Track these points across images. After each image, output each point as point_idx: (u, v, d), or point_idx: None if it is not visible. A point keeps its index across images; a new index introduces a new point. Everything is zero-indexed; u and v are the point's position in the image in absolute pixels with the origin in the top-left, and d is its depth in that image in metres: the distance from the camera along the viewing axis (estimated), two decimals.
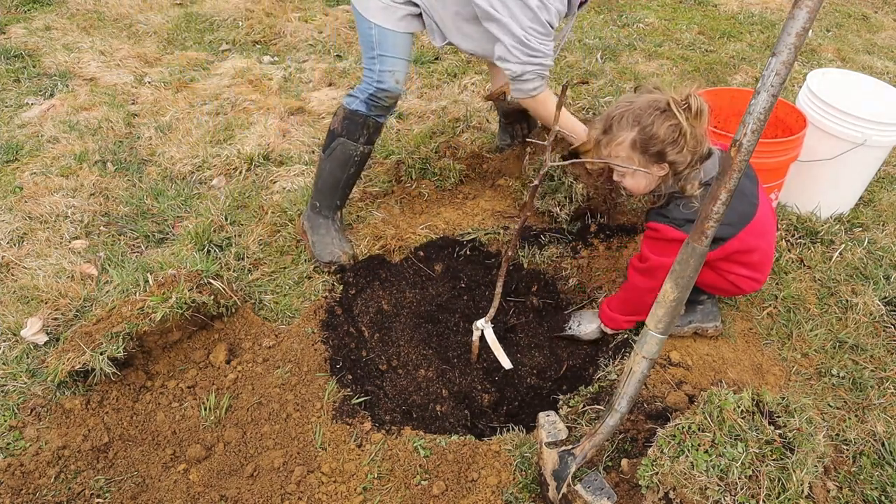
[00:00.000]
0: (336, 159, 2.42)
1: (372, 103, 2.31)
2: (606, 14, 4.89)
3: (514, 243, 2.14)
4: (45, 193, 2.79)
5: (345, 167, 2.43)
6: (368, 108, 2.32)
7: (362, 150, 2.40)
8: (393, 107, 2.38)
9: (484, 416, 2.16)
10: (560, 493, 1.61)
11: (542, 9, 2.02)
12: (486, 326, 2.20)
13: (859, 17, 5.08)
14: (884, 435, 1.89)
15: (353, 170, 2.45)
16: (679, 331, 2.12)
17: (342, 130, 2.37)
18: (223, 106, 3.55)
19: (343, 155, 2.40)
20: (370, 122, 2.35)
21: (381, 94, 2.28)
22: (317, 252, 2.47)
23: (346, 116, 2.35)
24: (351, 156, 2.40)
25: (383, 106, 2.33)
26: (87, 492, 1.75)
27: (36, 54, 3.97)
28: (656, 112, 1.68)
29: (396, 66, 2.25)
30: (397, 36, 2.22)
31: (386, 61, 2.25)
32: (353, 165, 2.43)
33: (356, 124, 2.34)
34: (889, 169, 3.11)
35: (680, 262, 1.40)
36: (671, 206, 1.83)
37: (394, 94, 2.31)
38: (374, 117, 2.34)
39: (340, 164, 2.42)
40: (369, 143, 2.41)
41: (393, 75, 2.26)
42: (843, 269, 2.48)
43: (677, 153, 1.70)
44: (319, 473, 1.82)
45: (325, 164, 2.45)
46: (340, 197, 2.52)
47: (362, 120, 2.33)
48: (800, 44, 1.13)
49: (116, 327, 1.93)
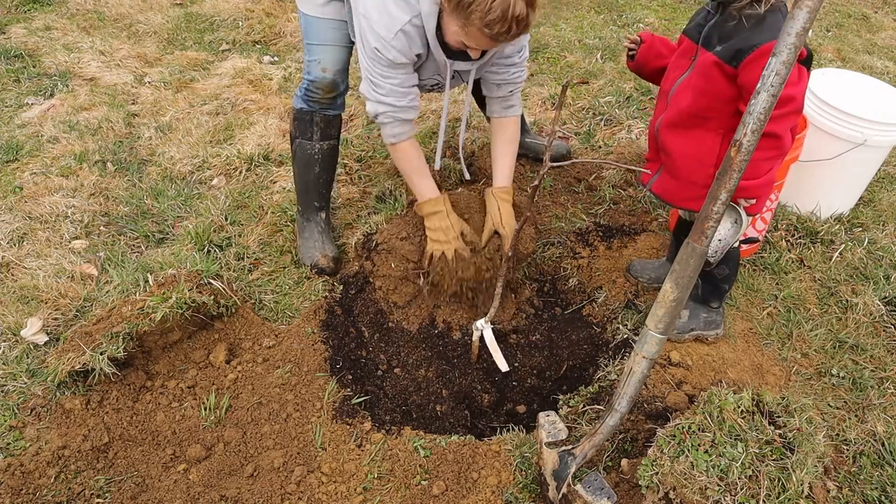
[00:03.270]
0: (299, 161, 2.39)
1: (308, 98, 2.24)
2: (606, 14, 4.89)
3: (513, 243, 2.14)
4: (45, 193, 2.79)
5: (309, 167, 2.38)
6: (308, 103, 2.26)
7: (321, 147, 2.34)
8: (336, 98, 2.27)
9: (484, 416, 2.16)
10: (560, 493, 1.62)
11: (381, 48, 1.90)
12: (485, 327, 2.21)
13: (859, 17, 5.08)
14: (884, 435, 1.89)
15: (317, 168, 2.39)
16: (680, 338, 2.12)
17: (296, 132, 2.34)
18: (223, 106, 3.55)
19: (303, 155, 2.36)
20: (316, 117, 2.28)
21: (312, 87, 2.21)
22: (300, 255, 2.47)
23: (295, 116, 2.31)
24: (311, 155, 2.35)
25: (319, 99, 2.24)
26: (87, 492, 1.75)
27: (36, 54, 3.97)
28: None
29: (322, 55, 2.17)
30: (320, 22, 2.13)
31: (312, 50, 2.17)
32: (315, 164, 2.37)
33: (304, 122, 2.29)
34: (889, 169, 3.11)
35: (680, 262, 1.40)
36: (768, 20, 1.53)
37: (323, 85, 2.20)
38: (318, 112, 2.26)
39: (303, 165, 2.38)
40: (327, 139, 2.34)
41: (319, 64, 2.17)
42: (843, 269, 2.48)
43: None
44: (319, 473, 1.82)
45: (294, 168, 2.43)
46: (317, 198, 2.48)
47: (308, 117, 2.28)
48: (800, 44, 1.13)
49: (116, 327, 1.93)
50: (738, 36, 1.56)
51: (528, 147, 3.02)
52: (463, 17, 1.74)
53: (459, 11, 1.74)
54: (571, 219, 2.72)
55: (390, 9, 1.84)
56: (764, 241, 2.58)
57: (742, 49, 1.54)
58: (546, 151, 1.87)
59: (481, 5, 1.68)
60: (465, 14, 1.73)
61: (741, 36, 1.56)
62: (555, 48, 4.23)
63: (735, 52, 1.56)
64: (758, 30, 1.53)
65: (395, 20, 1.84)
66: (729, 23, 1.60)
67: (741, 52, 1.54)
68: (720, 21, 1.63)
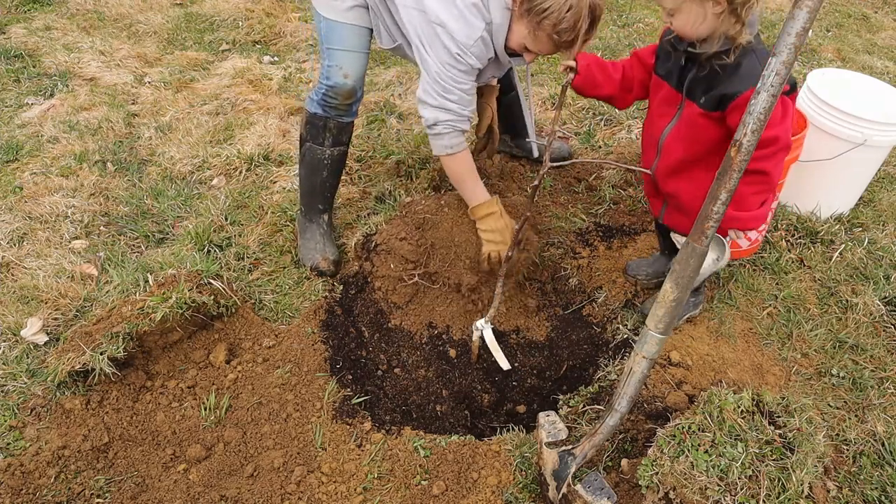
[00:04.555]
0: (307, 165, 2.37)
1: (325, 103, 2.22)
2: (606, 14, 4.89)
3: (513, 243, 2.14)
4: (45, 193, 2.79)
5: (316, 172, 2.37)
6: (324, 108, 2.23)
7: (331, 153, 2.32)
8: (353, 105, 2.26)
9: (484, 416, 2.16)
10: (560, 493, 1.62)
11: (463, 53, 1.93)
12: (485, 327, 2.21)
13: (859, 17, 5.08)
14: (884, 435, 1.89)
15: (325, 173, 2.38)
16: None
17: (307, 135, 2.32)
18: (223, 106, 3.55)
19: (312, 160, 2.35)
20: (330, 123, 2.26)
21: (331, 92, 2.18)
22: (301, 256, 2.47)
23: (308, 120, 2.29)
24: (320, 160, 2.33)
25: (337, 105, 2.22)
26: (87, 492, 1.75)
27: (36, 54, 3.97)
28: None
29: (344, 61, 2.15)
30: (344, 28, 2.11)
31: (333, 55, 2.15)
32: (324, 169, 2.36)
33: (317, 127, 2.27)
34: (889, 169, 3.11)
35: (680, 262, 1.40)
36: (744, 65, 1.56)
37: (343, 91, 2.18)
38: (333, 118, 2.25)
39: (311, 169, 2.37)
40: (338, 145, 2.33)
41: (340, 70, 2.15)
42: (843, 269, 2.48)
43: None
44: (319, 473, 1.82)
45: (300, 170, 2.42)
46: (321, 201, 2.47)
47: (322, 122, 2.26)
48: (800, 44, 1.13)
49: (116, 327, 1.93)
50: (719, 85, 1.60)
51: (527, 149, 3.02)
52: (535, 22, 1.84)
53: (532, 17, 1.83)
54: (571, 219, 2.72)
55: (467, 17, 1.90)
56: (764, 240, 2.58)
57: (726, 94, 1.59)
58: (546, 151, 1.87)
59: (555, 13, 1.79)
60: (537, 20, 1.83)
61: (722, 84, 1.60)
62: None
63: (719, 98, 1.61)
64: (736, 77, 1.57)
65: (474, 28, 1.91)
66: (707, 73, 1.62)
67: (726, 98, 1.59)
68: (699, 71, 1.65)
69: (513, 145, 3.03)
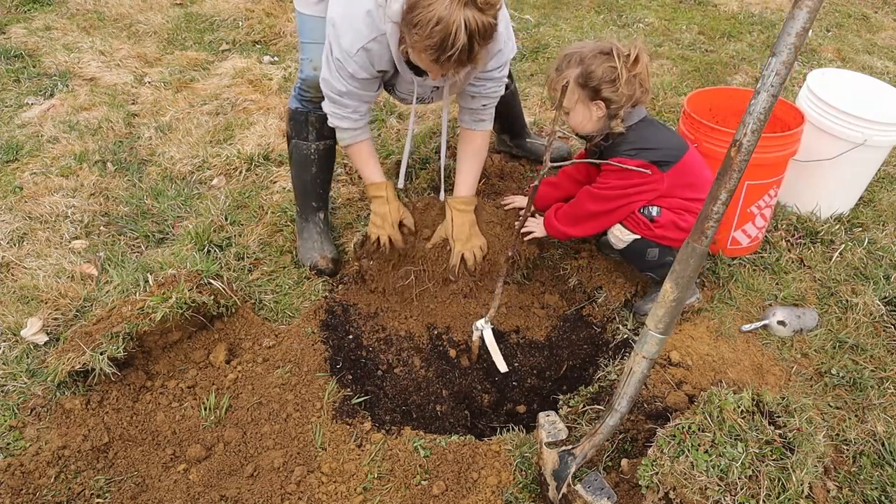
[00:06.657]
0: (296, 162, 2.37)
1: (301, 97, 2.23)
2: (606, 14, 4.89)
3: (513, 243, 2.14)
4: (45, 193, 2.79)
5: (305, 168, 2.37)
6: (301, 103, 2.24)
7: (317, 147, 2.32)
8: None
9: (484, 416, 2.16)
10: (560, 493, 1.62)
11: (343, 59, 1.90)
12: (485, 327, 2.21)
13: (859, 17, 5.08)
14: (884, 435, 1.89)
15: (314, 169, 2.37)
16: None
17: (291, 132, 2.32)
18: (223, 106, 3.55)
19: (299, 156, 2.35)
20: (311, 117, 2.25)
21: (304, 86, 2.19)
22: (299, 256, 2.47)
23: (291, 117, 2.30)
24: (307, 156, 2.33)
25: (311, 98, 2.21)
26: (87, 492, 1.75)
27: (36, 54, 3.97)
28: (599, 54, 1.94)
29: (315, 53, 2.13)
30: (313, 20, 2.10)
31: (305, 48, 2.16)
32: (312, 165, 2.36)
33: (299, 122, 2.28)
34: (889, 169, 3.11)
35: (680, 262, 1.40)
36: (615, 144, 2.05)
37: (315, 83, 2.14)
38: (313, 112, 2.23)
39: (300, 165, 2.37)
40: (323, 139, 2.32)
41: (311, 63, 2.15)
42: (843, 269, 2.48)
43: (612, 92, 1.93)
44: (319, 473, 1.82)
45: (291, 170, 2.43)
46: (315, 198, 2.46)
47: (303, 117, 2.26)
48: (800, 44, 1.13)
49: (116, 327, 1.93)
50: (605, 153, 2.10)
51: (527, 149, 3.02)
52: (407, 35, 1.71)
53: (406, 29, 1.70)
54: None
55: (357, 24, 1.83)
56: (764, 240, 2.58)
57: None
58: (546, 151, 1.87)
59: (421, 28, 1.62)
60: (409, 33, 1.69)
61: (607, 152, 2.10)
62: (555, 48, 4.23)
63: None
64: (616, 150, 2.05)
65: (359, 37, 1.84)
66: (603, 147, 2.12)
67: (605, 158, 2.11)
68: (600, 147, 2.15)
69: (512, 145, 3.04)
